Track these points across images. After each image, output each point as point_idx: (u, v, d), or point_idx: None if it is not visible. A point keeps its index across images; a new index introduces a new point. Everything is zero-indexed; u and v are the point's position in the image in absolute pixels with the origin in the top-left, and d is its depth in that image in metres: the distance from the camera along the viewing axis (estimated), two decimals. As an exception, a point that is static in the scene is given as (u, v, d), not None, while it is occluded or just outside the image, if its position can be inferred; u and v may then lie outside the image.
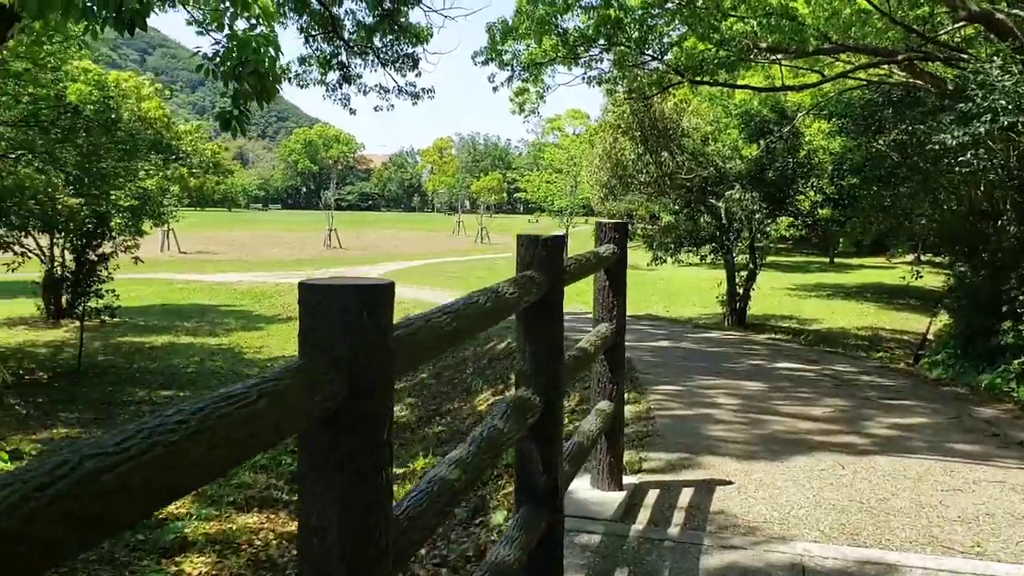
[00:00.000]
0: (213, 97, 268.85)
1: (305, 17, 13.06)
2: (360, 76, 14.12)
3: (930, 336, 21.30)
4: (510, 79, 14.61)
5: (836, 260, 45.09)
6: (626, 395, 8.04)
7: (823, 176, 19.78)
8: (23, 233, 16.98)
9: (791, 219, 21.14)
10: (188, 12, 8.42)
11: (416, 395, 13.15)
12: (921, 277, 15.92)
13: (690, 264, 20.11)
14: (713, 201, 20.40)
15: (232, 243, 51.89)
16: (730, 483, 5.16)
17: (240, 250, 46.29)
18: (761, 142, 19.14)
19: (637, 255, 21.70)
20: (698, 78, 14.34)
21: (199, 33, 7.02)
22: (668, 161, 20.87)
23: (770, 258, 24.23)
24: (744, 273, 20.68)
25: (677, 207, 20.70)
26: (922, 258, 44.45)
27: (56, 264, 19.19)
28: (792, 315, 23.80)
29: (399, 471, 7.71)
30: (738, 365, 10.34)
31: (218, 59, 6.07)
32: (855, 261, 45.86)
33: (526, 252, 3.36)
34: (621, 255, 4.91)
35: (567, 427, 5.34)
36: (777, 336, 14.47)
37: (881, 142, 15.54)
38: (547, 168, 43.24)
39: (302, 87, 13.93)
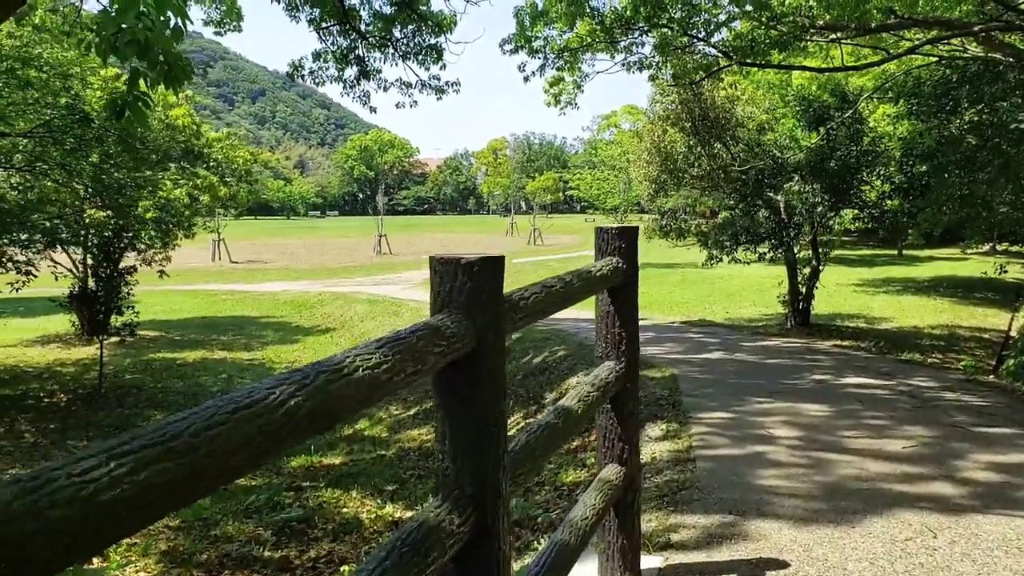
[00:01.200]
0: (273, 107, 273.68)
1: (316, 9, 12.10)
2: (380, 71, 13.10)
3: (1014, 334, 19.62)
4: (542, 68, 13.45)
5: (905, 252, 42.96)
6: (665, 427, 6.83)
7: (890, 164, 18.21)
8: (46, 247, 16.31)
9: (856, 211, 19.56)
10: None
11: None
12: (1005, 272, 14.31)
13: (747, 262, 18.67)
14: (771, 194, 18.96)
15: (284, 251, 51.66)
16: (785, 565, 3.93)
17: (291, 258, 45.92)
18: (821, 129, 17.67)
19: (692, 254, 20.36)
20: (748, 60, 12.98)
21: None
22: (721, 153, 19.48)
23: (834, 252, 22.70)
24: (807, 270, 19.22)
25: (732, 202, 19.27)
26: (998, 248, 42.31)
27: (85, 278, 18.56)
28: (860, 313, 22.23)
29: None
30: (799, 381, 9.03)
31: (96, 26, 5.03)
32: (925, 253, 43.61)
33: (441, 285, 2.20)
34: (629, 270, 3.74)
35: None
36: (844, 343, 13.04)
37: (956, 124, 14.01)
38: (599, 165, 41.86)
39: (318, 84, 12.96)
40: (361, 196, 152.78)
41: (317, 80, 12.87)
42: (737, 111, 19.92)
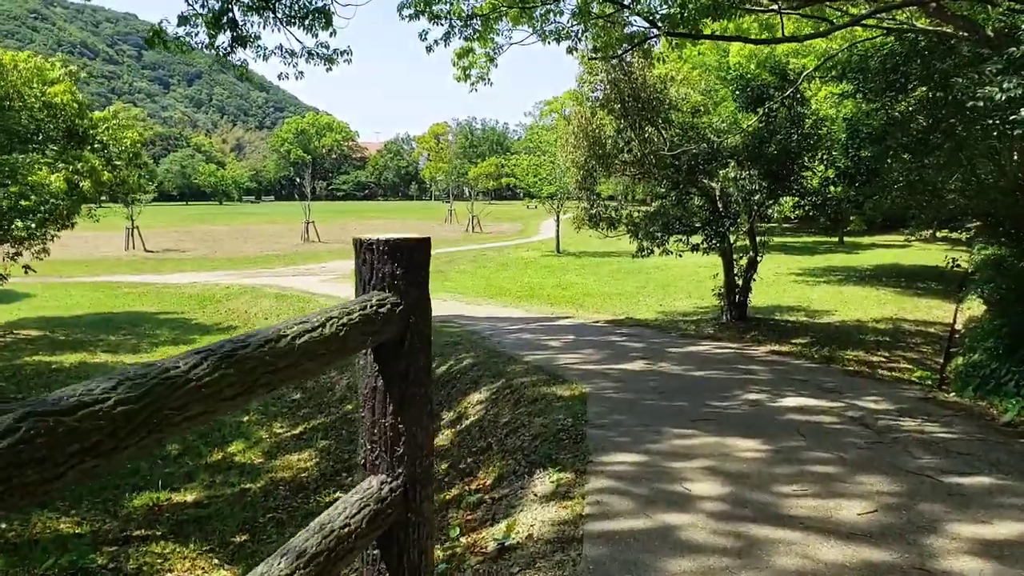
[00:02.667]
0: (210, 89, 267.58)
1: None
2: (258, 37, 11.34)
3: (959, 327, 18.61)
4: (447, 37, 11.82)
5: (846, 240, 42.26)
6: (558, 478, 5.32)
7: (834, 148, 17.00)
8: None
9: (796, 199, 18.32)
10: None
11: (333, 435, 10.42)
12: (958, 266, 13.09)
13: (679, 254, 17.35)
14: (706, 181, 17.64)
15: (206, 239, 49.31)
16: None
17: (211, 246, 43.68)
18: (759, 111, 16.36)
19: (623, 243, 18.93)
20: (679, 30, 11.51)
21: None
22: (653, 137, 18.12)
23: (773, 240, 21.51)
24: (744, 261, 17.95)
25: (664, 189, 17.88)
26: (938, 235, 41.84)
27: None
28: (800, 305, 21.09)
29: None
30: (730, 403, 7.60)
31: None
32: (867, 240, 42.99)
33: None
34: (412, 314, 2.17)
35: None
36: (783, 349, 11.67)
37: (905, 103, 12.72)
38: (536, 152, 40.35)
39: (184, 52, 11.16)
40: (298, 180, 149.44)
41: (183, 47, 11.08)
42: (671, 92, 18.54)
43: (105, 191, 18.62)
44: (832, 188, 16.09)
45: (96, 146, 18.15)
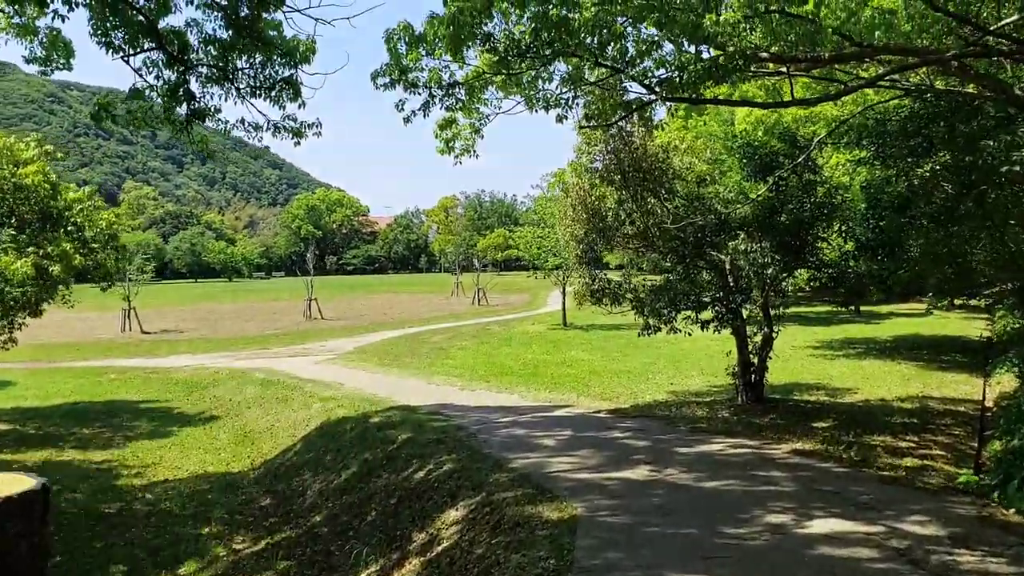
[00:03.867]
0: (223, 168, 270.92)
1: (119, 32, 9.42)
2: (219, 110, 10.39)
3: (990, 404, 17.28)
4: (426, 107, 10.82)
5: (862, 308, 40.88)
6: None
7: (852, 218, 15.91)
8: None
9: (812, 271, 17.18)
10: None
11: (297, 555, 9.14)
12: (989, 339, 11.83)
13: (688, 333, 16.19)
14: (714, 254, 16.55)
15: (208, 318, 48.36)
16: None
17: (211, 326, 42.64)
18: (768, 179, 15.34)
19: (629, 318, 17.72)
20: (677, 95, 10.51)
21: None
22: (657, 208, 17.11)
23: (788, 310, 20.33)
24: (758, 337, 16.74)
25: (669, 263, 16.76)
26: (956, 302, 40.47)
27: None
28: (819, 383, 19.79)
29: None
30: (748, 530, 6.35)
31: None
32: (884, 309, 41.63)
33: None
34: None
35: None
36: (806, 448, 10.29)
37: (928, 167, 11.64)
38: (539, 223, 39.47)
39: (135, 127, 10.20)
40: (306, 256, 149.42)
41: (134, 122, 10.13)
42: (675, 161, 17.58)
43: (78, 275, 17.62)
44: (852, 262, 14.91)
45: (70, 228, 17.23)
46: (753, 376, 16.83)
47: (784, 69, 12.08)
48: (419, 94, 10.90)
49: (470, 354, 26.93)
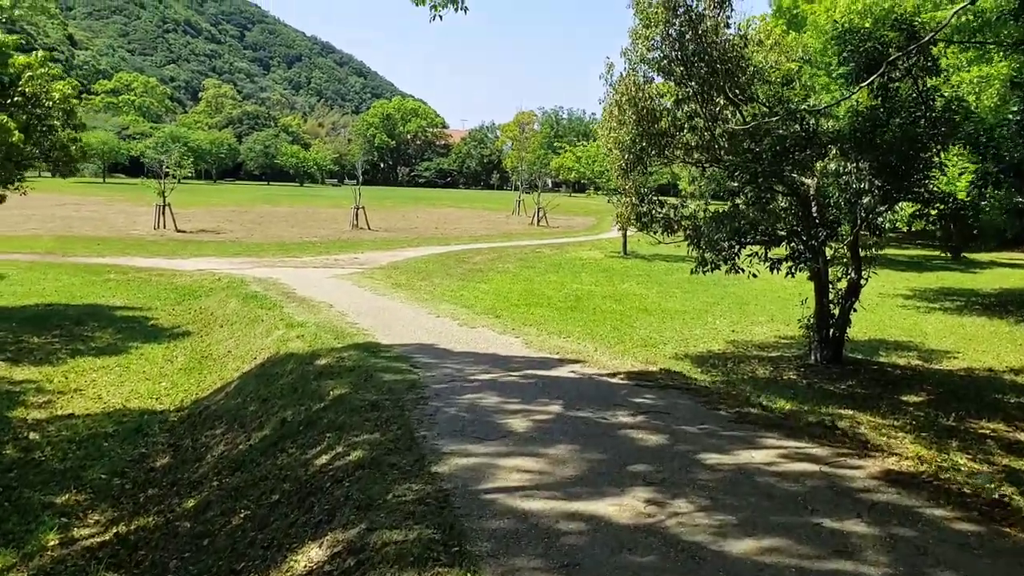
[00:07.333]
0: (309, 73, 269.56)
1: None
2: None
3: None
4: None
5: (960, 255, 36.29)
6: None
7: (978, 140, 12.08)
8: None
9: (917, 206, 13.44)
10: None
11: (127, 565, 6.19)
12: None
13: (753, 273, 12.77)
14: (796, 176, 12.92)
15: (256, 220, 46.05)
16: None
17: (251, 229, 40.20)
18: (873, 82, 11.54)
19: (683, 249, 14.27)
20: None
21: None
22: (726, 112, 13.49)
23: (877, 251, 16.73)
24: (842, 283, 13.25)
25: (738, 184, 13.17)
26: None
27: None
28: (910, 341, 16.29)
29: None
30: None
31: None
32: (984, 257, 36.86)
33: None
34: None
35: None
36: (903, 467, 6.65)
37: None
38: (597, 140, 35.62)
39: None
40: (382, 165, 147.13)
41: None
42: (756, 57, 13.87)
43: (17, 158, 14.75)
44: (988, 192, 11.12)
45: (17, 99, 14.35)
46: (832, 331, 13.39)
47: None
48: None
49: (509, 279, 23.79)
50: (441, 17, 8.45)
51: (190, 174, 47.10)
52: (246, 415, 9.12)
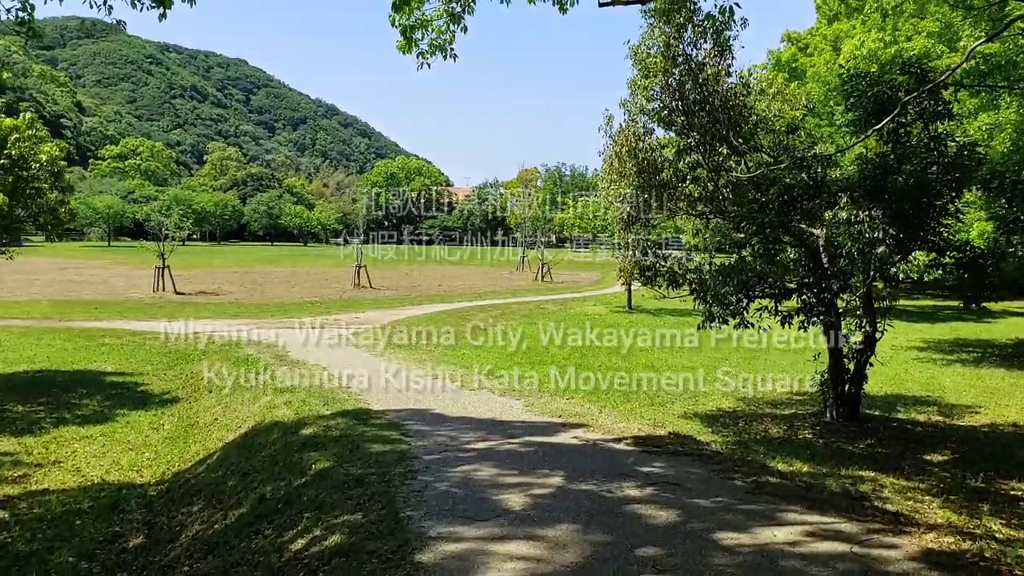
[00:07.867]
0: (314, 135, 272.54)
1: None
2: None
3: None
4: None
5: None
6: None
7: (995, 185, 11.58)
8: None
9: (932, 255, 12.89)
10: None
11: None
12: None
13: (763, 328, 12.21)
14: (805, 226, 12.40)
15: (256, 281, 45.66)
16: None
17: (251, 291, 39.73)
18: (882, 128, 11.12)
19: (690, 303, 13.71)
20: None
21: None
22: (730, 162, 13.05)
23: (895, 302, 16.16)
24: (856, 337, 12.65)
25: (744, 235, 12.66)
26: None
27: None
28: (929, 396, 15.66)
29: None
30: None
31: None
32: (997, 306, 36.18)
33: None
34: None
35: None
36: (947, 545, 5.98)
37: None
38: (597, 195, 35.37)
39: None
40: (387, 224, 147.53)
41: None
42: (759, 106, 13.49)
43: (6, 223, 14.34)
44: (978, 239, 10.56)
45: (4, 162, 13.99)
46: (848, 387, 12.76)
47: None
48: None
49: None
50: (429, 65, 8.00)
51: (192, 235, 46.86)
52: (225, 490, 8.48)
